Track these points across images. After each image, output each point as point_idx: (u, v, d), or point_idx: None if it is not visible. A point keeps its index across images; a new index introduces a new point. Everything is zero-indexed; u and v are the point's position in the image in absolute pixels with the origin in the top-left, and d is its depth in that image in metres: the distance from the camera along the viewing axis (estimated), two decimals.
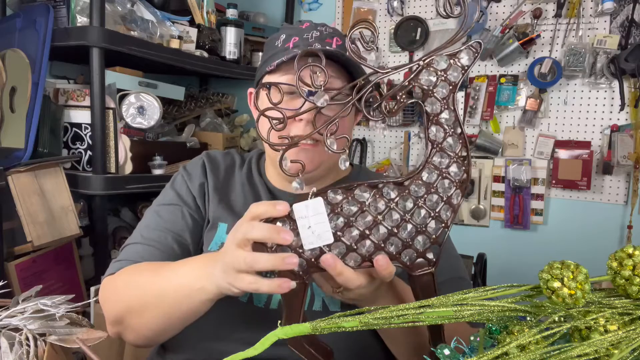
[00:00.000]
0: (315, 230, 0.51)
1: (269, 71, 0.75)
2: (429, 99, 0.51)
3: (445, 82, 0.51)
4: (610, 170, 1.74)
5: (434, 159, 0.52)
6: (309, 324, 0.47)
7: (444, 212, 0.53)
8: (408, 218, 0.52)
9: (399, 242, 0.53)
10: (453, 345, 0.44)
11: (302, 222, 0.51)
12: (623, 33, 1.71)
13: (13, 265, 1.31)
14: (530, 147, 1.89)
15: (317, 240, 0.51)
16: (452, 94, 0.51)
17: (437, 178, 0.52)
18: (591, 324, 0.40)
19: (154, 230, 0.79)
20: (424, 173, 0.52)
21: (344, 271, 0.52)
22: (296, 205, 0.51)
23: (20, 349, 0.50)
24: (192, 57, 1.72)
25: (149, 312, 0.66)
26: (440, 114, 0.51)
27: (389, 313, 0.44)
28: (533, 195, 1.88)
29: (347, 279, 0.52)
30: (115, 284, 0.73)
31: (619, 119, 1.75)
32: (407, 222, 0.52)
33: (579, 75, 1.78)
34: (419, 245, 0.53)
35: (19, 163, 1.31)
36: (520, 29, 1.85)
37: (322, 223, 0.51)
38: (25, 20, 1.47)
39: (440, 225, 0.53)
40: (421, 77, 0.51)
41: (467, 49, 0.50)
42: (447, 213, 0.53)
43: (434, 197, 0.52)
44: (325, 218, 0.51)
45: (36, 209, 1.31)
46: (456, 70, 0.50)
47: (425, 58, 0.51)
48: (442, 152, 0.52)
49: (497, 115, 1.93)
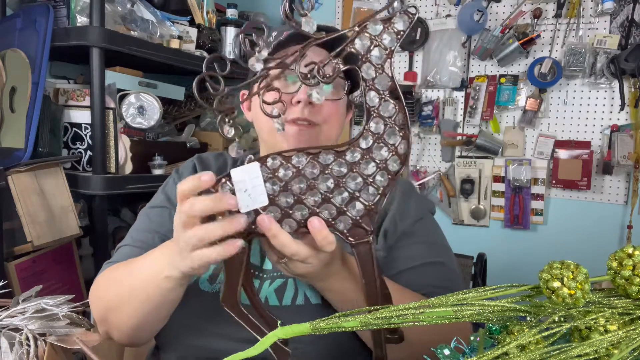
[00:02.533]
0: (251, 193, 0.52)
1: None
2: (365, 65, 0.51)
3: (380, 46, 0.50)
4: (610, 170, 1.74)
5: (371, 124, 0.52)
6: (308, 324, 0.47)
7: (380, 179, 0.52)
8: (342, 183, 0.52)
9: (333, 208, 0.53)
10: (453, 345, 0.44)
11: (239, 185, 0.52)
12: (623, 33, 1.71)
13: (13, 265, 1.31)
14: (530, 147, 1.89)
15: (252, 203, 0.52)
16: (389, 59, 0.51)
17: (372, 144, 0.52)
18: (591, 324, 0.40)
19: (143, 232, 0.81)
20: (361, 140, 0.52)
21: (278, 234, 0.52)
22: (234, 170, 0.52)
23: (20, 349, 0.50)
24: (192, 57, 1.72)
25: (125, 307, 0.68)
26: (375, 78, 0.51)
27: (388, 313, 0.44)
28: (533, 195, 1.89)
29: (283, 242, 0.52)
30: (98, 284, 0.76)
31: (619, 119, 1.75)
32: (341, 188, 0.52)
33: (579, 75, 1.78)
34: (354, 212, 0.52)
35: (19, 163, 1.31)
36: (520, 29, 1.85)
37: (258, 186, 0.52)
38: (25, 20, 1.47)
39: (376, 192, 0.52)
40: (356, 42, 0.51)
41: (401, 14, 0.50)
42: (383, 180, 0.52)
43: (370, 163, 0.52)
44: (260, 181, 0.52)
45: (36, 209, 1.31)
46: (390, 35, 0.50)
47: (360, 24, 0.51)
48: (379, 118, 0.51)
49: (497, 115, 1.93)
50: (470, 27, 1.90)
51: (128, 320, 0.68)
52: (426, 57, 2.03)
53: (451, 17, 1.97)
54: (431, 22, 2.01)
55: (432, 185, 2.05)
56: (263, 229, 0.52)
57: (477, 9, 1.86)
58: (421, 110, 2.03)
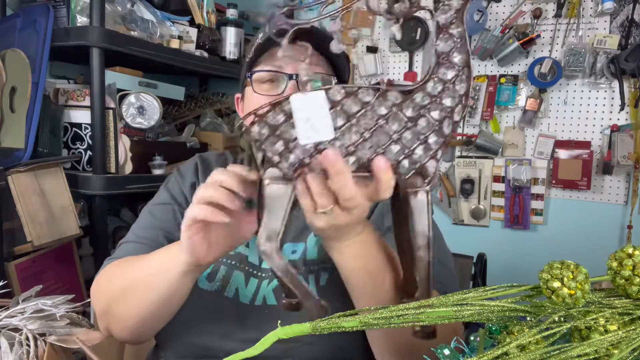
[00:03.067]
0: (315, 124, 0.47)
1: (250, 65, 0.78)
2: (442, 7, 0.50)
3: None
4: (610, 170, 1.74)
5: (441, 70, 0.50)
6: (309, 323, 0.47)
7: (446, 126, 0.50)
8: (410, 126, 0.49)
9: (400, 150, 0.49)
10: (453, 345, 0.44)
11: (300, 114, 0.47)
12: (623, 33, 1.71)
13: (13, 265, 1.31)
14: (530, 147, 1.89)
15: (315, 135, 0.47)
16: (465, 7, 0.49)
17: (441, 90, 0.49)
18: (591, 324, 0.40)
19: (146, 229, 0.81)
20: (429, 84, 0.50)
21: (344, 171, 0.47)
22: (294, 96, 0.48)
23: (20, 349, 0.50)
24: (192, 57, 1.72)
25: (129, 298, 0.67)
26: (451, 25, 0.50)
27: (389, 313, 0.44)
28: (533, 195, 1.88)
29: (345, 183, 0.47)
30: (99, 279, 0.76)
31: (619, 119, 1.75)
32: (408, 130, 0.49)
33: (579, 75, 1.78)
34: (418, 156, 0.50)
35: (19, 163, 1.31)
36: (520, 29, 1.85)
37: (323, 117, 0.47)
38: (25, 20, 1.47)
39: (440, 139, 0.50)
40: None
41: None
42: (448, 128, 0.50)
43: (437, 108, 0.50)
44: (327, 112, 0.47)
45: (36, 209, 1.31)
46: None
47: None
48: (449, 64, 0.49)
49: (497, 115, 1.93)
50: (470, 27, 1.90)
51: (130, 312, 0.68)
52: (426, 57, 2.03)
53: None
54: (431, 22, 2.00)
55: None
56: (326, 164, 0.47)
57: (477, 9, 1.86)
58: None
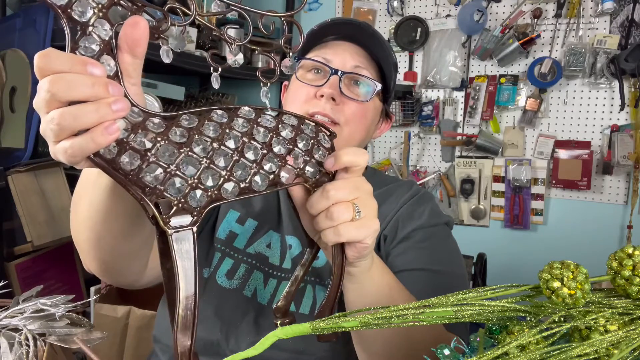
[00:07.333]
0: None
1: (302, 52, 0.79)
2: None
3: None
4: (610, 170, 1.74)
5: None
6: (308, 324, 0.47)
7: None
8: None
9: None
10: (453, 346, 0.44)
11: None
12: (623, 33, 1.71)
13: (13, 265, 1.31)
14: (530, 147, 1.89)
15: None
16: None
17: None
18: (591, 324, 0.40)
19: None
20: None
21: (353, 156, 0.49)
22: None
23: (20, 349, 0.50)
24: (192, 57, 1.72)
25: (73, 221, 0.60)
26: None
27: (389, 313, 0.44)
28: (533, 195, 1.88)
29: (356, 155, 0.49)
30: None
31: (619, 119, 1.75)
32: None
33: (579, 75, 1.78)
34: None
35: (19, 163, 1.31)
36: (520, 29, 1.85)
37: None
38: (25, 20, 1.46)
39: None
40: None
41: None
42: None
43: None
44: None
45: (36, 209, 1.31)
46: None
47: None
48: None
49: (497, 115, 1.93)
50: (470, 27, 1.90)
51: (80, 234, 0.60)
52: (426, 57, 2.03)
53: (451, 17, 1.97)
54: (431, 22, 2.01)
55: (432, 185, 2.05)
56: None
57: (477, 9, 1.86)
58: (421, 110, 2.03)
